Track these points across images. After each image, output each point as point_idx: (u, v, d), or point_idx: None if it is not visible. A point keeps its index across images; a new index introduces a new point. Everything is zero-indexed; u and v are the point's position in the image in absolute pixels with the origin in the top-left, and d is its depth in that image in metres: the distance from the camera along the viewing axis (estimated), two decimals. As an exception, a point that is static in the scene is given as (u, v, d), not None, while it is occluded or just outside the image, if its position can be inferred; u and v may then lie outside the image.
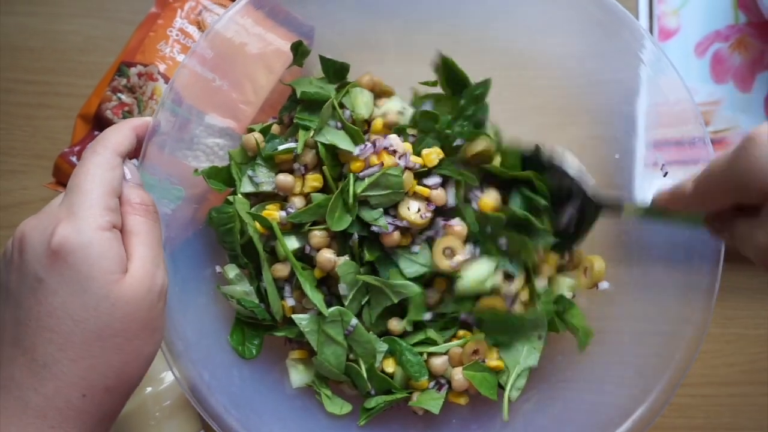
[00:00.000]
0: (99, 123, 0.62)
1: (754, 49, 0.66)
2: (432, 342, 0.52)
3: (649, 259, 0.53)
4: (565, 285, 0.54)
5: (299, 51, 0.53)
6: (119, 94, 0.62)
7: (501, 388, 0.52)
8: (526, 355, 0.52)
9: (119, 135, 0.43)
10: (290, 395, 0.53)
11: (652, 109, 0.52)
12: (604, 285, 0.54)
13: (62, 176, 0.63)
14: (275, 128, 0.54)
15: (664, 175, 0.51)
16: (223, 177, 0.53)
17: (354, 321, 0.50)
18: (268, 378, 0.53)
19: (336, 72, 0.54)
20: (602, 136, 0.55)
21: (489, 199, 0.51)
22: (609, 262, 0.54)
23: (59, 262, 0.37)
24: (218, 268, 0.53)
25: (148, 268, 0.39)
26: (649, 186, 0.52)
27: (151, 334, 0.40)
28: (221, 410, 0.48)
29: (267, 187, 0.53)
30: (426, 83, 0.56)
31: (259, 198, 0.54)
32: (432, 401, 0.51)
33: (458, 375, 0.51)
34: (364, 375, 0.50)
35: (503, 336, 0.52)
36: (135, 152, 0.45)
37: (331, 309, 0.50)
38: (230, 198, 0.52)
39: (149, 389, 0.57)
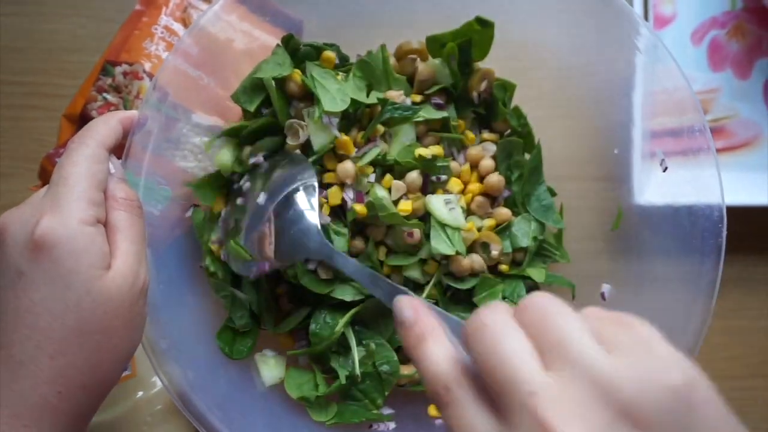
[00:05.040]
0: (84, 123, 0.61)
1: (751, 35, 0.65)
2: None
3: (649, 252, 0.52)
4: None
5: (290, 45, 0.52)
6: (104, 94, 0.60)
7: None
8: None
9: (106, 128, 0.42)
10: (278, 395, 0.52)
11: (649, 98, 0.51)
12: (606, 287, 0.53)
13: (48, 178, 0.61)
14: None
15: (664, 170, 0.50)
16: (213, 187, 0.52)
17: None
18: (256, 378, 0.52)
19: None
20: (599, 127, 0.55)
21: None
22: (608, 258, 0.53)
23: (42, 255, 0.36)
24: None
25: (131, 265, 0.39)
26: (647, 180, 0.51)
27: (131, 331, 0.39)
28: (204, 410, 0.48)
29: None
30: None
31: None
32: None
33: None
34: None
35: None
36: (118, 150, 0.44)
37: None
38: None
39: (140, 393, 0.56)
